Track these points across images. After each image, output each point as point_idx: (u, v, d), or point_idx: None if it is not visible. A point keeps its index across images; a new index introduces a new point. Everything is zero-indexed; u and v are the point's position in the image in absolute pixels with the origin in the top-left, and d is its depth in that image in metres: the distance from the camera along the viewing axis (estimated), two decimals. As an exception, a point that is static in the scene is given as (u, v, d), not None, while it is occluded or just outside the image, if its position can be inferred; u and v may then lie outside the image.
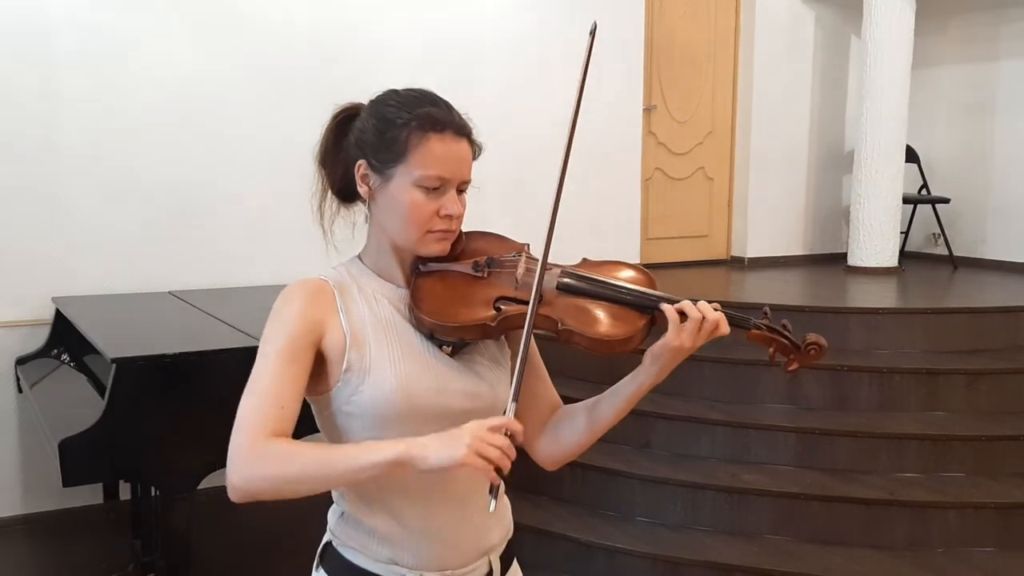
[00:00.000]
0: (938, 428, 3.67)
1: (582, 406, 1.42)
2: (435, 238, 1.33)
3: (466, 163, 1.33)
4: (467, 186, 1.34)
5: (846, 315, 4.31)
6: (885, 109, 5.43)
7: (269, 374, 1.25)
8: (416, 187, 1.29)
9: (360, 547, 1.36)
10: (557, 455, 1.43)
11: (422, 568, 1.33)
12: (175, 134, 4.08)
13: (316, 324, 1.29)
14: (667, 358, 1.30)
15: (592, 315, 1.32)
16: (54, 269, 3.85)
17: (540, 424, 1.44)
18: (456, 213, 1.32)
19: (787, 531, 3.41)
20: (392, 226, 1.33)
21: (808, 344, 1.36)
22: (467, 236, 1.41)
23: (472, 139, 1.34)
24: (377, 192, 1.33)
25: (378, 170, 1.31)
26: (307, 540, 3.57)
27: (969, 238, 6.01)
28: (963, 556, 3.29)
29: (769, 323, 1.36)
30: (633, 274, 1.39)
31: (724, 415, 3.75)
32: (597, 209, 5.14)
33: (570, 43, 5.11)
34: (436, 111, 1.30)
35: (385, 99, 1.35)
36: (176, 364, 2.70)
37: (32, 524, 3.85)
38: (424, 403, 1.29)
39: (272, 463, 1.19)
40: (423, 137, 1.28)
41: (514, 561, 1.48)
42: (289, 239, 4.32)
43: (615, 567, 3.36)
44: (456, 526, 1.35)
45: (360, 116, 1.37)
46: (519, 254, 1.39)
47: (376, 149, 1.31)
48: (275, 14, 4.28)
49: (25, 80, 3.77)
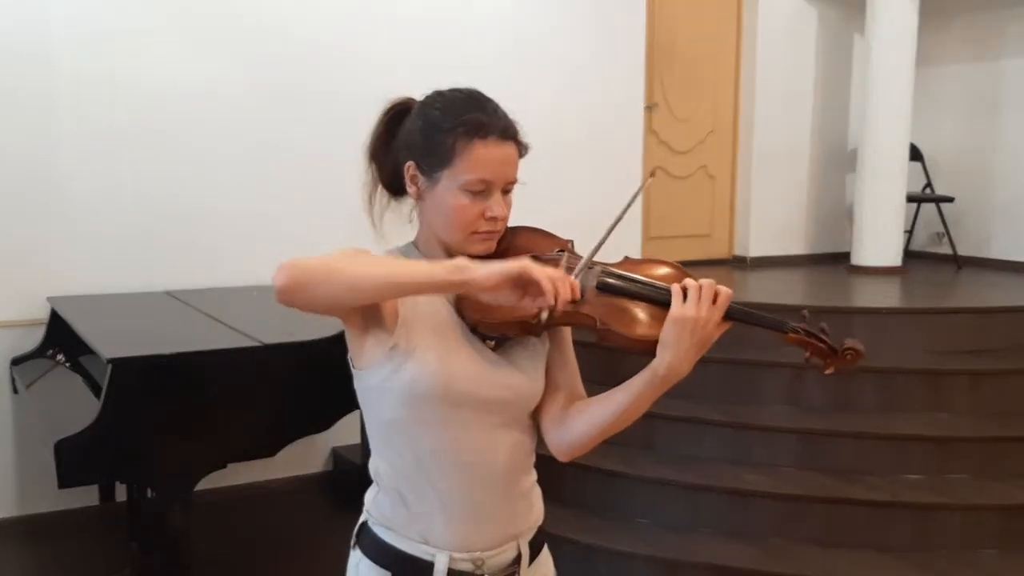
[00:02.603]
0: (941, 429, 3.65)
1: (598, 397, 1.42)
2: (480, 239, 1.37)
3: (511, 165, 1.36)
4: (513, 186, 1.38)
5: (849, 315, 4.29)
6: (888, 107, 5.41)
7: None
8: (461, 191, 1.33)
9: (393, 525, 1.39)
10: (567, 445, 1.43)
11: (452, 548, 1.36)
12: (172, 134, 4.05)
13: None
14: (673, 335, 1.27)
15: (630, 315, 1.34)
16: (49, 269, 3.83)
17: (559, 412, 1.45)
18: (500, 215, 1.35)
19: (789, 533, 3.39)
20: (439, 226, 1.38)
21: (845, 349, 1.37)
22: (512, 232, 1.43)
23: (518, 140, 1.37)
24: (425, 193, 1.37)
25: (426, 173, 1.36)
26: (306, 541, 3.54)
27: (974, 237, 5.99)
28: (966, 558, 3.27)
29: (807, 327, 1.37)
30: (674, 272, 1.39)
31: (726, 416, 3.74)
32: (598, 208, 5.09)
33: (570, 42, 5.10)
34: (481, 116, 1.33)
35: (431, 102, 1.38)
36: (172, 364, 2.68)
37: (28, 526, 3.83)
38: (461, 390, 1.32)
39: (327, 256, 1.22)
40: (468, 143, 1.32)
41: (544, 548, 1.49)
42: (288, 239, 4.31)
43: (616, 569, 3.34)
44: (492, 505, 1.38)
45: (409, 116, 1.40)
46: (562, 251, 1.41)
47: (423, 153, 1.35)
48: (271, 18, 4.25)
49: (22, 81, 3.75)
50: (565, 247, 1.43)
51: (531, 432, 1.44)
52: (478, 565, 1.37)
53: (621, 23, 5.32)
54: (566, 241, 1.44)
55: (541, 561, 1.48)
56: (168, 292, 3.93)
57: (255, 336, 2.93)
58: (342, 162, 4.34)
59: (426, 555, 1.36)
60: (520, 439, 1.41)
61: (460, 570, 1.36)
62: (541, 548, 1.48)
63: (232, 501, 4.05)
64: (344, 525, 1.58)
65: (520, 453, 1.42)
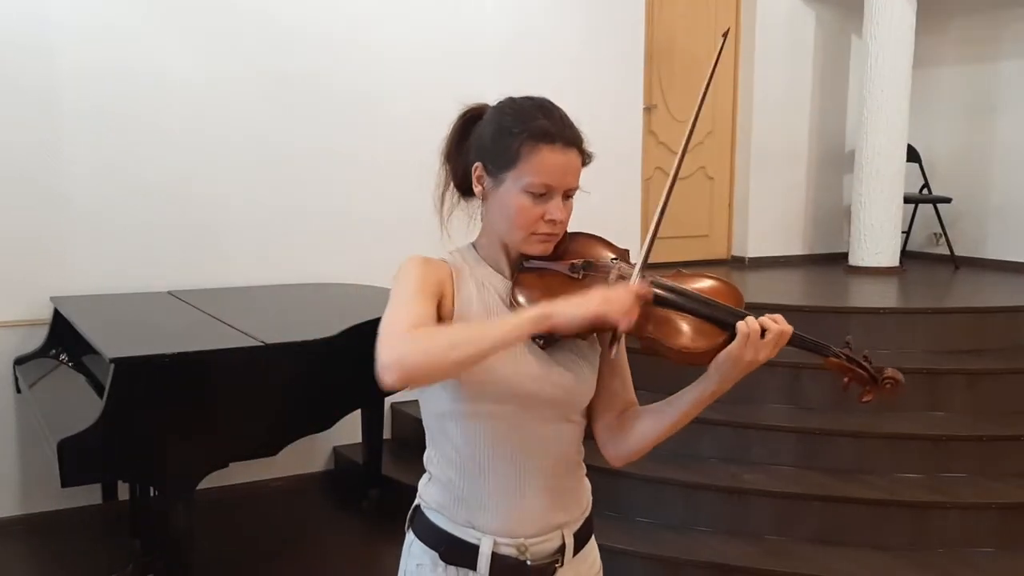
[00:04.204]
0: (939, 428, 3.66)
1: (650, 408, 1.50)
2: (539, 239, 1.43)
3: (573, 172, 1.42)
4: (574, 192, 1.44)
5: (847, 315, 4.30)
6: (886, 108, 5.42)
7: (404, 302, 1.34)
8: (524, 192, 1.39)
9: (443, 510, 1.46)
10: (623, 453, 1.52)
11: (497, 533, 1.42)
12: (175, 134, 4.07)
13: (439, 282, 1.41)
14: (727, 367, 1.37)
15: (676, 327, 1.38)
16: (52, 269, 3.85)
17: (614, 420, 1.52)
18: (559, 218, 1.41)
19: (787, 531, 3.41)
20: (500, 225, 1.44)
21: (886, 378, 1.40)
22: (571, 237, 1.49)
23: (582, 148, 1.43)
24: (489, 193, 1.44)
25: (492, 173, 1.42)
26: (306, 540, 3.56)
27: (971, 238, 6.00)
28: (964, 556, 3.28)
29: (850, 353, 1.40)
30: (721, 287, 1.44)
31: (725, 415, 3.74)
32: (597, 208, 5.11)
33: (569, 42, 5.12)
34: (548, 124, 1.40)
35: (503, 107, 1.46)
36: (175, 364, 2.70)
37: (31, 524, 3.84)
38: (512, 385, 1.38)
39: (424, 338, 1.26)
40: (534, 148, 1.38)
41: (591, 540, 1.56)
42: (291, 239, 4.33)
43: (615, 567, 3.33)
44: (539, 495, 1.43)
45: (482, 120, 1.47)
46: (616, 259, 1.47)
47: (491, 154, 1.42)
48: (278, 16, 4.26)
49: (25, 80, 3.76)
50: (620, 255, 1.49)
51: (580, 429, 1.50)
52: (522, 551, 1.43)
53: (620, 24, 5.34)
54: (623, 250, 1.50)
55: (587, 552, 1.53)
56: (170, 292, 3.95)
57: (257, 336, 2.94)
58: (350, 160, 4.39)
59: (472, 538, 1.43)
60: (569, 436, 1.47)
61: (504, 554, 1.42)
62: (587, 540, 1.54)
63: (234, 500, 4.06)
64: (345, 524, 1.61)
65: (569, 448, 1.48)
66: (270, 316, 3.68)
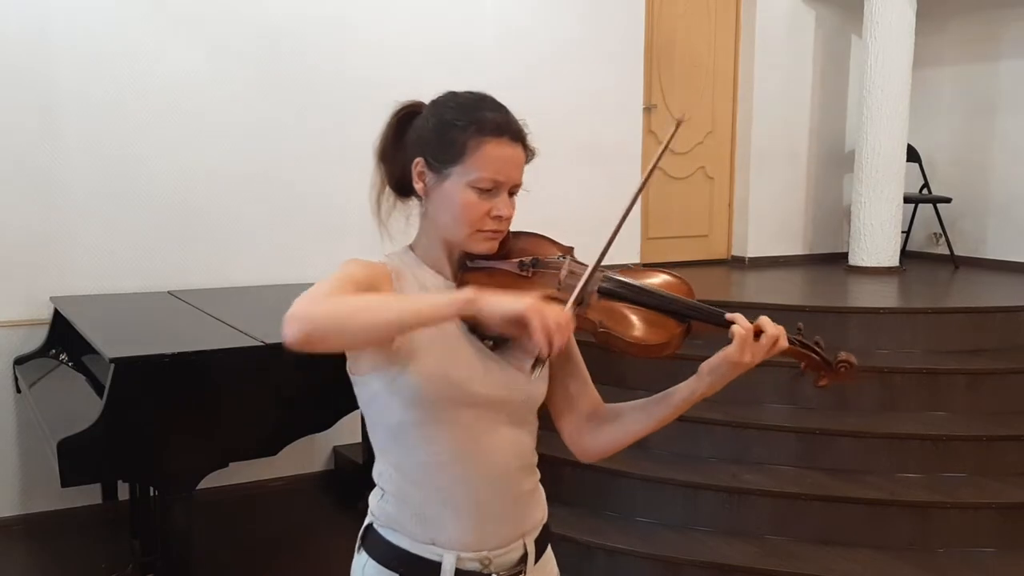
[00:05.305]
0: (939, 428, 3.66)
1: (629, 407, 1.48)
2: (484, 237, 1.38)
3: (519, 167, 1.38)
4: (518, 189, 1.40)
5: (847, 315, 4.30)
6: (886, 108, 5.42)
7: (330, 286, 1.28)
8: (470, 188, 1.35)
9: (399, 527, 1.40)
10: (596, 450, 1.51)
11: (460, 548, 1.37)
12: (175, 134, 4.07)
13: (374, 285, 1.35)
14: (724, 371, 1.36)
15: (631, 320, 1.37)
16: (52, 268, 3.85)
17: (580, 417, 1.50)
18: (506, 215, 1.38)
19: (787, 531, 3.41)
20: (444, 223, 1.39)
21: (839, 362, 1.40)
22: (514, 236, 1.45)
23: (527, 144, 1.40)
24: (432, 189, 1.39)
25: (435, 169, 1.37)
26: (306, 541, 3.56)
27: (971, 238, 6.00)
28: (964, 556, 3.28)
29: (803, 339, 1.40)
30: (674, 281, 1.44)
31: (724, 415, 3.75)
32: (597, 208, 5.13)
33: (569, 41, 5.12)
34: (495, 116, 1.36)
35: (444, 101, 1.41)
36: (175, 364, 2.69)
37: (31, 524, 3.84)
38: (463, 391, 1.34)
39: (338, 298, 1.23)
40: (481, 141, 1.34)
41: (548, 547, 1.52)
42: (290, 239, 4.32)
43: (615, 567, 3.35)
44: (489, 506, 1.39)
45: (420, 115, 1.42)
46: (564, 256, 1.43)
47: (434, 149, 1.37)
48: (278, 16, 4.27)
49: (24, 79, 3.76)
50: (567, 253, 1.45)
51: (533, 432, 1.47)
52: (485, 564, 1.38)
53: (620, 24, 5.34)
54: (568, 247, 1.46)
55: (546, 559, 1.50)
56: (170, 292, 3.95)
57: (257, 336, 2.94)
58: (349, 161, 4.39)
59: (433, 555, 1.37)
60: (523, 438, 1.44)
61: (467, 570, 1.37)
62: (547, 546, 1.50)
63: (234, 500, 4.06)
64: (345, 523, 1.60)
65: (524, 452, 1.44)
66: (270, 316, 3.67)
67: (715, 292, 4.89)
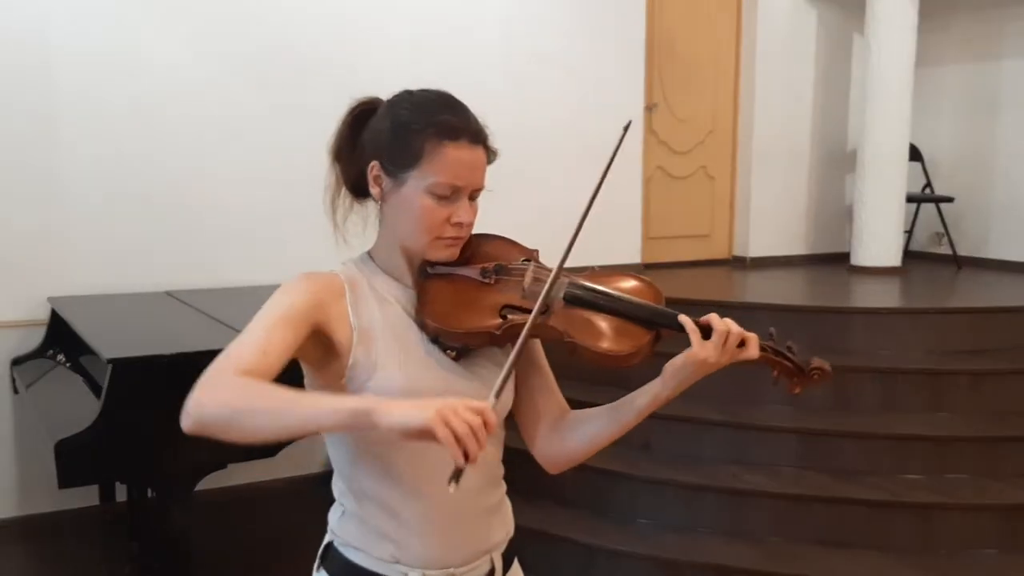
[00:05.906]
0: (941, 429, 3.65)
1: (593, 413, 1.41)
2: (445, 244, 1.32)
3: (480, 170, 1.32)
4: (480, 192, 1.33)
5: (849, 315, 4.29)
6: (888, 107, 5.41)
7: (262, 327, 1.23)
8: (428, 193, 1.28)
9: (362, 546, 1.35)
10: (562, 459, 1.44)
11: (425, 566, 1.32)
12: (173, 134, 4.06)
13: (320, 306, 1.28)
14: (688, 371, 1.29)
15: (597, 329, 1.31)
16: (50, 269, 3.83)
17: (547, 428, 1.44)
18: (467, 221, 1.31)
19: (789, 533, 3.39)
20: (402, 229, 1.33)
21: (812, 368, 1.35)
22: (477, 239, 1.39)
23: (488, 145, 1.33)
24: (389, 194, 1.32)
25: (391, 173, 1.31)
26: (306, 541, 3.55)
27: (973, 237, 5.99)
28: (966, 558, 3.27)
29: (774, 345, 1.34)
30: (641, 286, 1.37)
31: (725, 416, 3.73)
32: (598, 208, 5.11)
33: (569, 41, 5.10)
34: (452, 118, 1.29)
35: (400, 101, 1.34)
36: (172, 365, 2.68)
37: (28, 526, 3.83)
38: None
39: (231, 390, 1.13)
40: (438, 145, 1.27)
41: (515, 560, 1.47)
42: (287, 239, 4.31)
43: (616, 569, 3.34)
44: (455, 523, 1.34)
45: (376, 115, 1.35)
46: (528, 260, 1.37)
47: (390, 152, 1.30)
48: (276, 16, 4.25)
49: (22, 80, 3.75)
50: (531, 256, 1.39)
51: (500, 443, 1.42)
52: None
53: (621, 24, 5.33)
54: (532, 250, 1.40)
55: (513, 572, 1.46)
56: (168, 292, 3.93)
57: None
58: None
59: (398, 574, 1.33)
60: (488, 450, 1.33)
61: None
62: (513, 559, 1.46)
63: (232, 501, 4.05)
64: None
65: (493, 462, 1.39)
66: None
67: (716, 292, 4.88)
